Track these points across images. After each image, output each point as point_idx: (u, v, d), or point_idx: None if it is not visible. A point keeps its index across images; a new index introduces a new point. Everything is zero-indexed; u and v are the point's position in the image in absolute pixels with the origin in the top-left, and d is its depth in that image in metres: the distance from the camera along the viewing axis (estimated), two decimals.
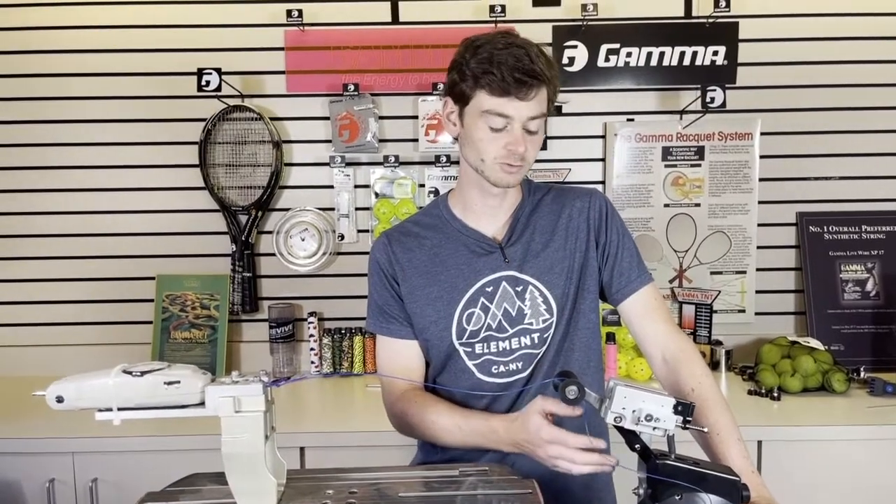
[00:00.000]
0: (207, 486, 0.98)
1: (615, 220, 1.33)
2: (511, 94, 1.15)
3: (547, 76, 1.16)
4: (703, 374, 1.21)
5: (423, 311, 1.29)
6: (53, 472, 1.79)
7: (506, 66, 1.13)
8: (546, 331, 1.27)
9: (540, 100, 1.18)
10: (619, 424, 0.97)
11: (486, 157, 1.21)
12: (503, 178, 1.22)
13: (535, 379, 1.27)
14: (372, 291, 1.36)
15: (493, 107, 1.17)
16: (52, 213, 2.36)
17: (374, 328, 1.36)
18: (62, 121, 2.33)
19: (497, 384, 1.28)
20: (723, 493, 0.91)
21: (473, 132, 1.21)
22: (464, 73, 1.19)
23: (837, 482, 1.80)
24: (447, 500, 0.95)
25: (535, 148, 1.22)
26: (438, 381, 1.32)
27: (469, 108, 1.21)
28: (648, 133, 2.34)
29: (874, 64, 2.32)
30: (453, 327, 1.27)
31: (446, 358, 1.30)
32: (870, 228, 2.35)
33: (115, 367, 0.86)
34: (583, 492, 1.30)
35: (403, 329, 1.32)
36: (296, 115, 2.35)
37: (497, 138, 1.19)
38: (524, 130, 1.18)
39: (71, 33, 2.31)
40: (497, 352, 1.27)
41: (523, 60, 1.14)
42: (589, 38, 2.30)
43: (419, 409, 1.26)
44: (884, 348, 2.27)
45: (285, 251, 2.32)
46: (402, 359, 1.33)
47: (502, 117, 1.17)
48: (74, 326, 2.38)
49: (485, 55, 1.16)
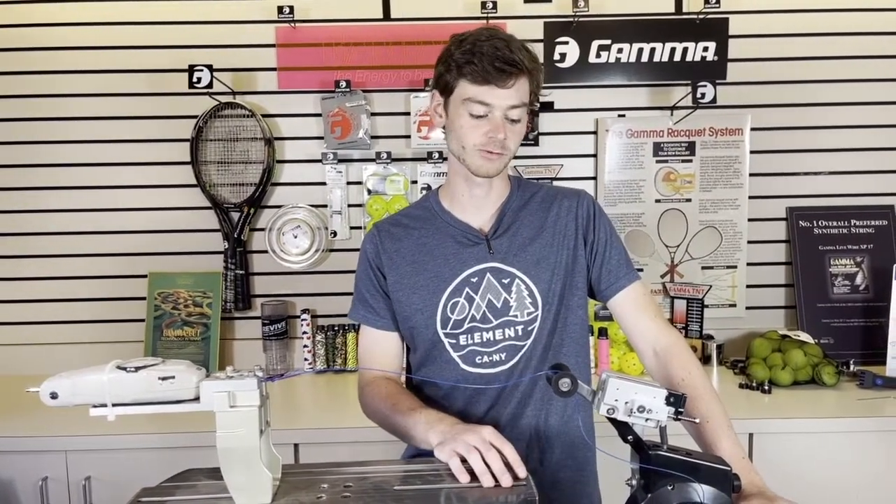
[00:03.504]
0: (203, 481, 0.98)
1: (603, 219, 1.36)
2: (491, 82, 1.18)
3: (526, 66, 1.20)
4: (693, 366, 1.22)
5: (408, 300, 1.31)
6: (47, 469, 1.78)
7: (486, 55, 1.17)
8: (531, 323, 1.29)
9: (520, 89, 1.21)
10: (612, 416, 0.97)
11: (467, 144, 1.23)
12: (483, 166, 1.24)
13: (518, 372, 1.28)
14: (357, 281, 1.39)
15: (475, 94, 1.20)
16: (43, 210, 2.35)
17: (354, 317, 1.39)
18: (53, 118, 2.32)
19: (480, 375, 1.28)
20: (715, 483, 0.91)
21: (456, 120, 1.24)
22: (448, 65, 1.23)
23: (828, 474, 1.81)
24: (442, 493, 0.95)
25: (515, 137, 1.25)
26: (424, 373, 1.33)
27: (453, 97, 1.24)
28: (640, 129, 2.35)
29: (863, 59, 2.34)
30: (438, 316, 1.29)
31: (431, 347, 1.31)
32: (859, 223, 2.37)
33: (109, 363, 0.86)
34: (571, 486, 1.32)
35: (381, 321, 1.35)
36: (288, 111, 2.35)
37: (478, 126, 1.22)
38: (505, 119, 1.21)
39: (61, 30, 2.30)
40: (481, 342, 1.28)
41: (503, 50, 1.18)
42: (580, 34, 2.31)
43: (373, 398, 1.30)
44: (873, 341, 2.29)
45: (278, 248, 2.32)
46: (378, 348, 1.37)
47: (483, 105, 1.20)
48: (66, 325, 2.37)
49: (468, 47, 1.20)
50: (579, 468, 1.34)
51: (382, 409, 1.26)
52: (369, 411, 1.33)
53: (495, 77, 1.17)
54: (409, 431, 1.17)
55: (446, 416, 1.16)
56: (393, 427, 1.23)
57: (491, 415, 1.28)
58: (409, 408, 1.20)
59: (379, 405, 1.27)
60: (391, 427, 1.24)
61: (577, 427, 1.32)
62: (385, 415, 1.25)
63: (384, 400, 1.26)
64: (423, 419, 1.15)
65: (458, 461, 1.01)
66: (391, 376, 1.35)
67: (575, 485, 1.33)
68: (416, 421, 1.16)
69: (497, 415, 1.28)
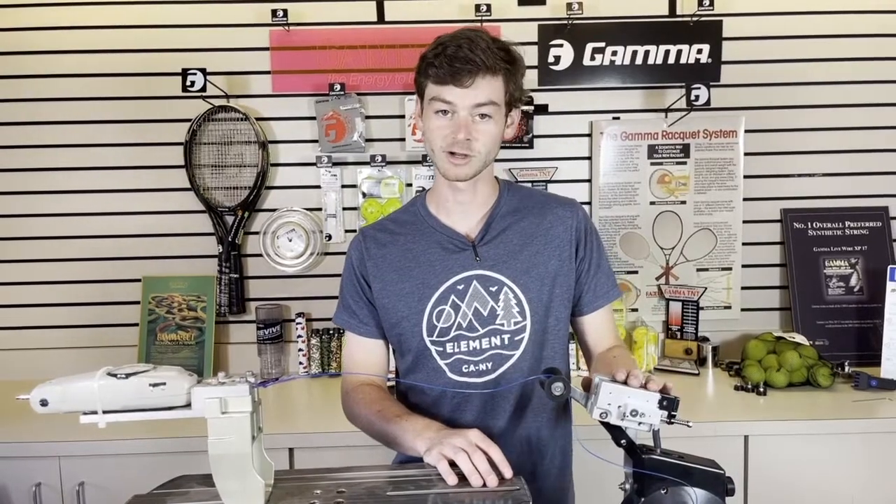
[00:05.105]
0: (195, 487, 0.98)
1: (595, 235, 1.37)
2: (449, 81, 1.17)
3: (486, 64, 1.17)
4: (625, 350, 1.36)
5: (394, 306, 1.30)
6: (40, 476, 1.78)
7: (445, 55, 1.17)
8: (518, 333, 1.27)
9: (484, 87, 1.18)
10: (605, 420, 0.97)
11: (435, 146, 1.23)
12: (450, 170, 1.23)
13: (504, 382, 1.27)
14: (342, 286, 1.39)
15: (437, 94, 1.20)
16: (36, 215, 2.34)
17: (338, 321, 1.40)
18: (45, 122, 2.32)
19: (467, 384, 1.28)
20: (708, 487, 0.92)
21: (426, 122, 1.24)
22: (420, 68, 1.23)
23: (823, 475, 1.82)
24: (436, 497, 0.95)
25: (485, 138, 1.22)
26: (412, 380, 1.33)
27: (424, 100, 1.24)
28: (634, 131, 2.35)
29: (857, 61, 2.34)
30: (423, 323, 1.28)
31: (419, 355, 1.30)
32: (853, 224, 2.38)
33: (100, 369, 0.86)
34: (554, 493, 1.34)
35: (364, 327, 1.36)
36: (282, 115, 2.34)
37: (442, 127, 1.21)
38: (472, 119, 1.20)
39: (54, 34, 2.29)
40: (468, 351, 1.27)
41: (464, 50, 1.16)
42: (574, 36, 2.31)
43: (357, 404, 1.30)
44: (868, 343, 2.29)
45: (272, 252, 2.31)
46: (361, 354, 1.37)
47: (445, 103, 1.19)
48: (59, 329, 2.36)
49: (437, 49, 1.19)
50: (561, 474, 1.36)
51: (368, 416, 1.25)
52: (353, 416, 1.33)
53: (453, 76, 1.16)
54: (397, 439, 1.17)
55: (433, 422, 1.16)
56: (379, 433, 1.23)
57: (477, 426, 1.27)
58: (395, 415, 1.20)
59: (363, 411, 1.27)
60: (377, 433, 1.24)
61: (567, 434, 1.35)
62: (370, 421, 1.25)
63: (369, 406, 1.26)
64: (411, 427, 1.15)
65: (447, 464, 1.01)
66: (376, 382, 1.35)
67: (556, 491, 1.35)
68: (403, 429, 1.16)
69: (484, 425, 1.26)
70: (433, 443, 1.06)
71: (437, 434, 1.09)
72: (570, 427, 1.36)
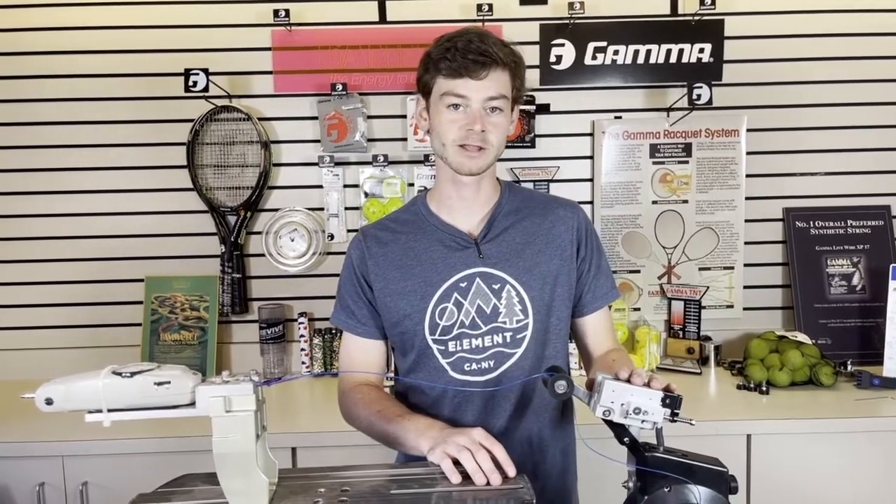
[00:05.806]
0: (199, 486, 0.98)
1: (595, 237, 1.38)
2: (464, 74, 1.18)
3: (500, 57, 1.19)
4: (623, 352, 1.37)
5: (396, 305, 1.30)
6: (43, 475, 1.78)
7: (458, 49, 1.18)
8: (520, 331, 1.28)
9: (496, 80, 1.20)
10: (608, 418, 0.98)
11: (447, 140, 1.23)
12: (464, 163, 1.23)
13: (505, 381, 1.27)
14: (340, 286, 1.39)
15: (450, 88, 1.20)
16: (39, 215, 2.34)
17: (336, 321, 1.39)
18: (48, 122, 2.32)
19: (468, 382, 1.28)
20: (711, 485, 0.92)
21: (435, 118, 1.24)
22: (426, 66, 1.24)
23: (826, 474, 1.82)
24: (440, 496, 0.95)
25: (497, 131, 1.23)
26: (413, 379, 1.32)
27: (432, 96, 1.24)
28: (636, 130, 2.35)
29: (859, 60, 2.34)
30: (426, 322, 1.28)
31: (420, 354, 1.30)
32: (855, 223, 2.37)
33: (105, 368, 0.86)
34: (558, 493, 1.34)
35: (362, 328, 1.35)
36: (284, 115, 2.35)
37: (455, 120, 1.21)
38: (485, 111, 1.21)
39: (56, 34, 2.29)
40: (470, 349, 1.27)
41: (475, 43, 1.18)
42: (576, 36, 2.31)
43: (356, 404, 1.29)
44: (870, 342, 2.29)
45: (275, 252, 2.32)
46: (359, 354, 1.37)
47: (459, 97, 1.20)
48: (62, 329, 2.37)
49: (444, 45, 1.20)
50: (562, 475, 1.36)
51: (368, 416, 1.25)
52: (351, 417, 1.32)
53: (468, 68, 1.18)
54: (399, 439, 1.16)
55: (436, 421, 1.16)
56: (379, 434, 1.23)
57: (477, 425, 1.27)
58: (397, 415, 1.20)
59: (363, 412, 1.26)
60: (377, 434, 1.23)
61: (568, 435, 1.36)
62: (370, 421, 1.24)
63: (368, 406, 1.26)
64: (413, 426, 1.15)
65: (450, 462, 1.01)
66: (373, 382, 1.35)
67: (557, 492, 1.35)
68: (405, 428, 1.15)
69: (485, 425, 1.24)
70: (437, 441, 1.06)
71: (440, 433, 1.09)
72: (573, 429, 1.37)
